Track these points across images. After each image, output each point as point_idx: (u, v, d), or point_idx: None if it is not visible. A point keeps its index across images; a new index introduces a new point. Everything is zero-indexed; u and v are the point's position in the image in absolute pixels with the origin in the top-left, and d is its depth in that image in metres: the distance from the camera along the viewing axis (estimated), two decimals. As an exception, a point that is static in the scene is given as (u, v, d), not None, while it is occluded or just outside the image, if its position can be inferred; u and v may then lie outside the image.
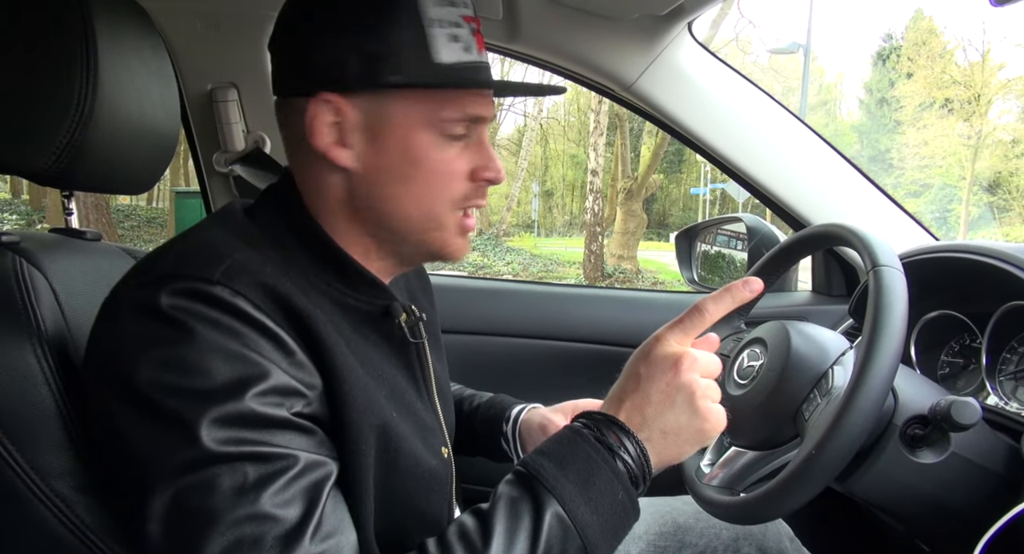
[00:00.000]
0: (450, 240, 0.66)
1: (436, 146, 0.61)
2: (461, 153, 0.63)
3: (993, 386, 0.87)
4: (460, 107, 0.61)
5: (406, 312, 0.66)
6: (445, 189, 0.63)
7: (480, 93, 0.63)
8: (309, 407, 0.54)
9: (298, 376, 0.54)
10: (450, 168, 0.62)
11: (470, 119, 0.62)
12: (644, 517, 0.90)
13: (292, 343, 0.54)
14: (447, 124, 0.61)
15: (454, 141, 0.62)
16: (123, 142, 0.71)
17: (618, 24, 1.09)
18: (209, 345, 0.50)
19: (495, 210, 18.91)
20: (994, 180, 19.05)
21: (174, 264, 0.55)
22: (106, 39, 0.66)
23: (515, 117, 20.82)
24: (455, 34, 0.60)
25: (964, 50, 20.26)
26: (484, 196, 0.67)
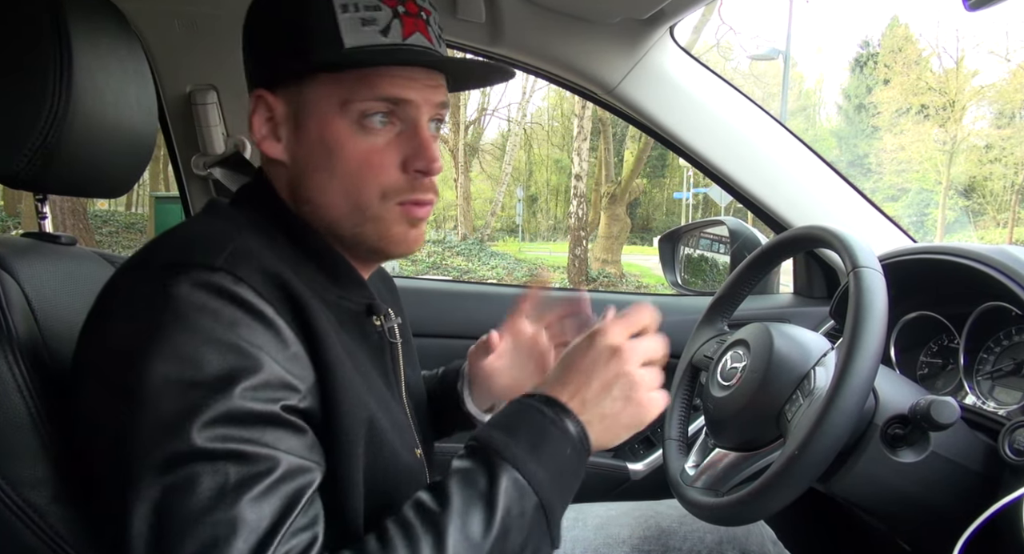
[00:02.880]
0: (390, 231, 0.63)
1: (354, 134, 0.60)
2: (388, 142, 0.61)
3: (971, 385, 0.88)
4: (372, 88, 0.59)
5: (383, 314, 0.67)
6: (370, 180, 0.61)
7: (401, 74, 0.60)
8: (302, 401, 0.53)
9: (292, 369, 0.53)
10: (373, 158, 0.61)
11: (388, 100, 0.60)
12: (627, 522, 0.90)
13: (290, 334, 0.53)
14: (361, 108, 0.59)
15: (377, 129, 0.60)
16: (98, 144, 0.70)
17: (600, 28, 1.09)
18: (205, 336, 0.50)
19: (479, 215, 18.91)
20: (969, 184, 19.44)
21: (175, 252, 0.55)
22: (81, 39, 0.65)
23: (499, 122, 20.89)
24: (368, 17, 0.59)
25: (939, 57, 20.68)
26: (425, 190, 0.63)
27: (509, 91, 25.19)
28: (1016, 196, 19.04)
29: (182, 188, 1.23)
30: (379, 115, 0.60)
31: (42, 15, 0.63)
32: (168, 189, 14.24)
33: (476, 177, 20.42)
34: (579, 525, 0.90)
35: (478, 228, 17.37)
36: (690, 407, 0.96)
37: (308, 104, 0.61)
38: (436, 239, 15.10)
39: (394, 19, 0.60)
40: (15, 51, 0.63)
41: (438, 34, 0.64)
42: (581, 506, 0.95)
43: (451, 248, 14.41)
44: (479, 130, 20.07)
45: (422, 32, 0.62)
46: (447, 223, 19.34)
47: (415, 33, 0.61)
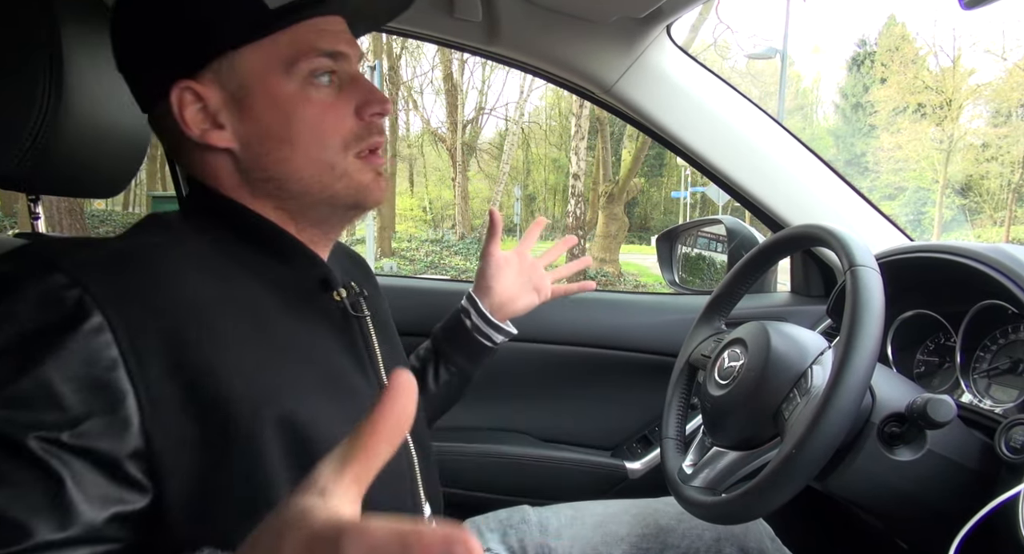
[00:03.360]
0: (360, 183, 0.62)
1: (304, 94, 0.59)
2: (337, 95, 0.61)
3: (967, 384, 0.88)
4: (310, 43, 0.58)
5: (345, 288, 0.65)
6: (331, 135, 0.60)
7: (328, 27, 0.59)
8: (75, 437, 0.45)
9: (84, 395, 0.46)
10: (329, 112, 0.60)
11: (326, 55, 0.59)
12: (626, 519, 0.90)
13: (113, 353, 0.47)
14: (303, 65, 0.58)
15: (324, 84, 0.60)
16: (91, 144, 0.70)
17: (597, 27, 1.09)
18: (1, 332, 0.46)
19: (477, 214, 18.90)
20: (966, 183, 19.49)
21: (36, 244, 0.52)
22: (71, 38, 0.65)
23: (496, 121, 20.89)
24: None
25: (936, 56, 20.74)
26: (380, 132, 0.63)
27: (507, 90, 25.17)
28: (1012, 195, 19.09)
29: (178, 188, 1.23)
30: (325, 73, 0.59)
31: (33, 14, 0.63)
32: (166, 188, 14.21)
33: (474, 176, 20.42)
34: (577, 523, 0.90)
35: (476, 227, 17.36)
36: (687, 406, 0.96)
37: (246, 80, 0.58)
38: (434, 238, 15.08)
39: None
40: (5, 50, 0.63)
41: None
42: (579, 504, 0.95)
43: (449, 247, 14.41)
44: (476, 129, 20.07)
45: None
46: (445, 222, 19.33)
47: None
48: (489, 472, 1.27)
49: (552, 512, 0.93)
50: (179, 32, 0.57)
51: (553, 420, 1.35)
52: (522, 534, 0.89)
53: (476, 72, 18.35)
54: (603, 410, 1.34)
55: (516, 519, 0.91)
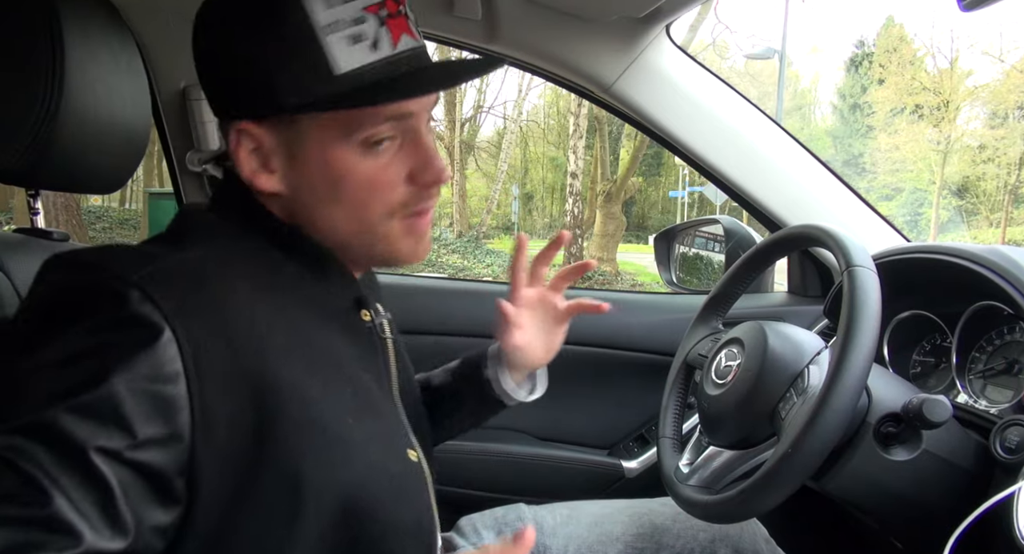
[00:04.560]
0: (397, 248, 0.61)
1: (358, 159, 0.56)
2: (393, 158, 0.58)
3: (963, 384, 0.88)
4: (375, 111, 0.55)
5: (371, 311, 0.65)
6: (377, 202, 0.58)
7: None
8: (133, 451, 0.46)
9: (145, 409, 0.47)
10: (380, 178, 0.57)
11: (393, 119, 0.56)
12: (622, 519, 0.90)
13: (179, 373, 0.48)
14: (366, 135, 0.56)
15: (380, 148, 0.57)
16: (91, 140, 0.70)
17: (597, 26, 1.09)
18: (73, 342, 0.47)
19: (475, 212, 18.90)
20: (962, 184, 19.54)
21: (98, 254, 0.53)
22: (73, 34, 0.65)
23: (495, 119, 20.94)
24: (356, 33, 0.53)
25: (933, 57, 20.74)
26: (431, 197, 0.61)
27: (505, 89, 25.16)
28: (1009, 196, 19.15)
29: (176, 184, 1.23)
30: (384, 132, 0.57)
31: (35, 10, 0.63)
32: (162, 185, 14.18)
33: (472, 175, 20.40)
34: (573, 522, 0.91)
35: (473, 226, 17.35)
36: (684, 405, 0.96)
37: (305, 138, 0.56)
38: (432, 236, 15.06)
39: (381, 28, 0.54)
40: (6, 46, 0.63)
41: (415, 21, 0.58)
42: (575, 503, 0.95)
43: (447, 245, 14.40)
44: (475, 127, 20.06)
45: (407, 32, 0.56)
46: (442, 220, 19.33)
47: (402, 35, 0.56)
48: (486, 470, 1.27)
49: (548, 511, 0.93)
50: (241, 78, 0.55)
51: (550, 419, 1.35)
52: None
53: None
54: (600, 409, 1.34)
55: (512, 517, 0.91)
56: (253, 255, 0.59)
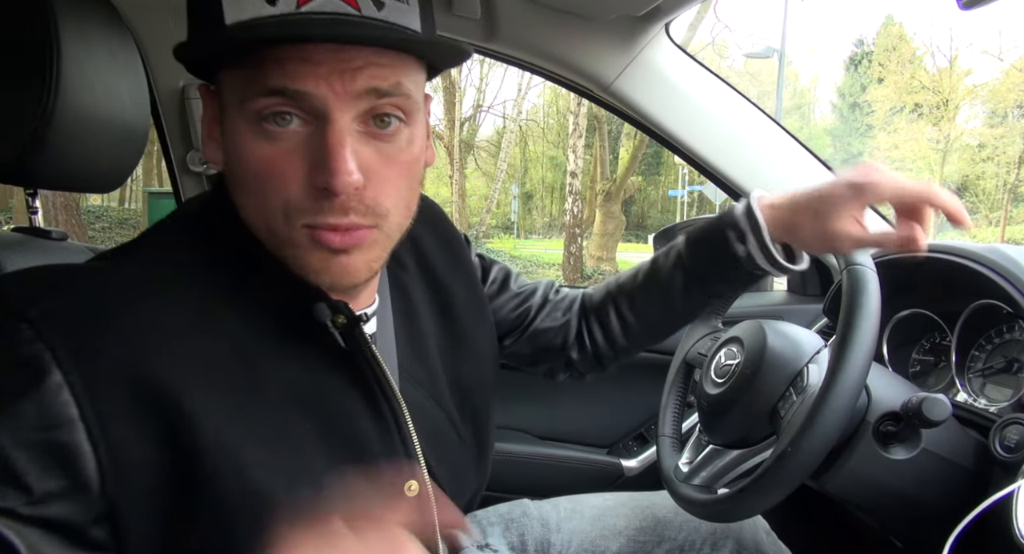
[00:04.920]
0: (306, 260, 0.50)
1: (255, 138, 0.47)
2: (295, 148, 0.47)
3: (962, 383, 0.88)
4: (261, 78, 0.46)
5: (341, 313, 0.52)
6: (272, 195, 0.48)
7: (294, 56, 0.45)
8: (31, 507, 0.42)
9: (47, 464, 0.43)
10: (273, 167, 0.47)
11: (280, 94, 0.46)
12: (624, 512, 0.90)
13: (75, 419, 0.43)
14: (254, 106, 0.46)
15: (277, 131, 0.47)
16: (89, 139, 0.69)
17: (596, 24, 1.09)
18: None
19: (475, 211, 18.89)
20: (962, 183, 19.54)
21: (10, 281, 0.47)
22: (70, 32, 0.64)
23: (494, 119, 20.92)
24: None
25: (933, 56, 20.77)
26: (335, 213, 0.48)
27: (505, 88, 25.14)
28: (1008, 195, 19.16)
29: (175, 184, 1.23)
30: (277, 115, 0.47)
31: (30, 7, 0.63)
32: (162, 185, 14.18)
33: (471, 174, 20.40)
34: (576, 516, 0.91)
35: (473, 225, 17.34)
36: (684, 404, 0.96)
37: (223, 99, 0.50)
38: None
39: None
40: (2, 43, 0.63)
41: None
42: (578, 497, 0.95)
43: (446, 245, 14.38)
44: (474, 127, 20.05)
45: None
46: (442, 220, 19.27)
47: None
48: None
49: (551, 505, 0.93)
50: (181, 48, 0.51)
51: (550, 418, 1.35)
52: (523, 528, 0.89)
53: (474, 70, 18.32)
54: (600, 408, 1.34)
55: (517, 513, 0.91)
56: (212, 263, 0.52)
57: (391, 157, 0.50)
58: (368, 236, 0.50)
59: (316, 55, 0.45)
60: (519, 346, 0.84)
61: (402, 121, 0.50)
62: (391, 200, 0.50)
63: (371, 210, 0.49)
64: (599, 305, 0.85)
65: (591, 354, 0.86)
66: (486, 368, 0.75)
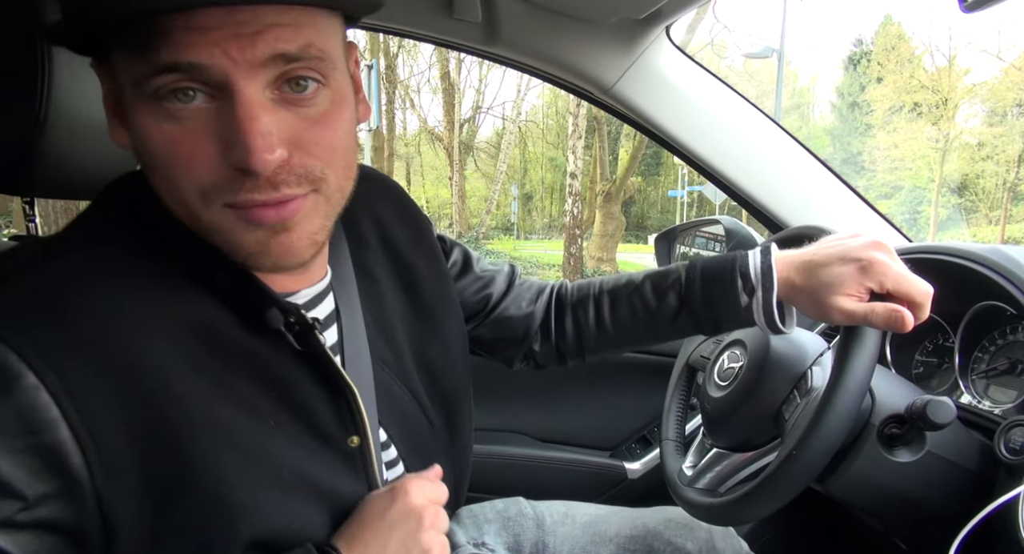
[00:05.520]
0: (240, 241, 0.47)
1: (153, 118, 0.44)
2: (203, 127, 0.44)
3: (966, 385, 0.88)
4: (152, 55, 0.42)
5: (294, 315, 0.51)
6: (183, 178, 0.45)
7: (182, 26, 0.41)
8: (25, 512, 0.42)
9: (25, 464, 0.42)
10: (180, 148, 0.44)
11: (177, 71, 0.42)
12: (615, 520, 0.90)
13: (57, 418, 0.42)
14: (150, 85, 0.43)
15: (179, 108, 0.43)
16: (83, 145, 0.69)
17: (597, 27, 1.09)
18: None
19: (475, 212, 18.90)
20: (961, 182, 19.56)
21: None
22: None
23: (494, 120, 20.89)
24: None
25: (932, 55, 20.83)
26: (252, 190, 0.45)
27: (504, 89, 25.17)
28: (1008, 194, 19.17)
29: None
30: (178, 91, 0.43)
31: (22, 13, 0.62)
32: (161, 188, 14.14)
33: (471, 175, 20.40)
34: (569, 521, 0.91)
35: (473, 226, 17.35)
36: (687, 407, 0.96)
37: (119, 81, 0.46)
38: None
39: None
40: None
41: None
42: (572, 503, 0.95)
43: (446, 246, 14.39)
44: (474, 128, 20.07)
45: None
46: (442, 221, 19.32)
47: None
48: (488, 472, 1.27)
49: (546, 507, 0.93)
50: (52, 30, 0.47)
51: (552, 420, 1.35)
52: (519, 528, 0.88)
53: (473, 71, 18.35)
54: (602, 410, 1.34)
55: (513, 511, 0.91)
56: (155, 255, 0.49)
57: (315, 120, 0.46)
58: (305, 205, 0.47)
59: (205, 21, 0.41)
60: (480, 331, 0.82)
61: (320, 83, 0.46)
62: (324, 162, 0.47)
63: (304, 177, 0.46)
64: (577, 301, 0.83)
65: (554, 347, 0.84)
66: (455, 351, 0.73)
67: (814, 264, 0.68)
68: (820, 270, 0.67)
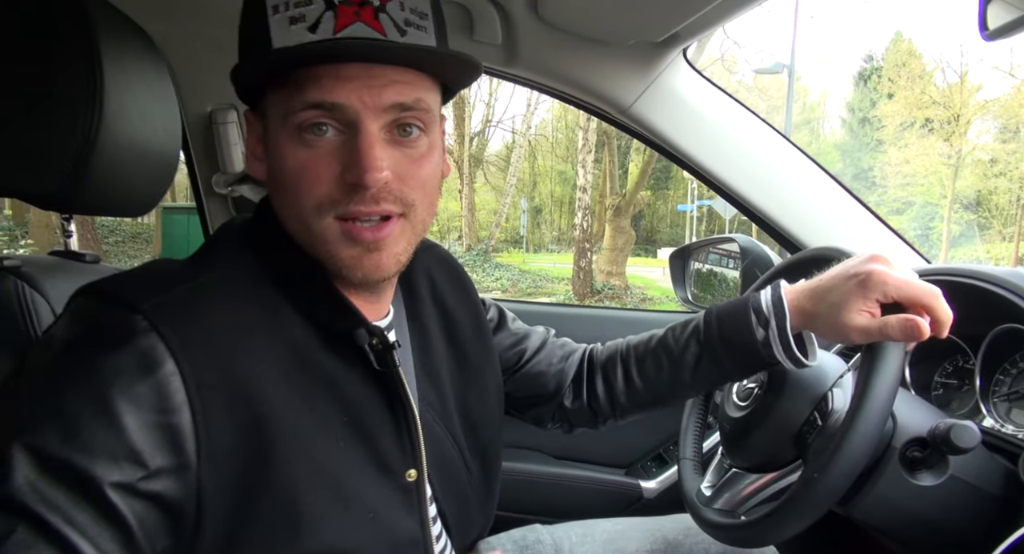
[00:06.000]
0: (337, 254, 0.57)
1: (294, 146, 0.55)
2: (329, 152, 0.55)
3: (988, 408, 0.88)
4: (302, 95, 0.54)
5: (377, 337, 0.59)
6: (305, 192, 0.56)
7: (330, 75, 0.53)
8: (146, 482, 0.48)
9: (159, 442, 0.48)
10: (309, 168, 0.55)
11: (318, 107, 0.54)
12: (635, 535, 0.90)
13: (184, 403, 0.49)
14: (296, 120, 0.55)
15: (314, 137, 0.55)
16: (125, 166, 0.71)
17: (615, 50, 1.11)
18: (80, 374, 0.47)
19: (484, 226, 18.94)
20: (975, 199, 19.42)
21: (116, 282, 0.54)
22: (112, 65, 0.66)
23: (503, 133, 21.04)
24: (298, 14, 0.53)
25: (943, 72, 20.78)
26: (361, 203, 0.55)
27: (514, 103, 25.37)
28: (1022, 210, 19.00)
29: (200, 205, 1.25)
30: (315, 125, 0.55)
31: (76, 41, 0.65)
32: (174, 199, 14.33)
33: (480, 188, 20.49)
34: (588, 541, 0.91)
35: (482, 239, 17.39)
36: (704, 426, 0.96)
37: (268, 119, 0.58)
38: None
39: (326, 12, 0.53)
40: (49, 77, 0.65)
41: (402, 21, 0.56)
42: (590, 522, 0.95)
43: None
44: (483, 142, 20.19)
45: (367, 22, 0.54)
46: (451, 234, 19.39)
47: (354, 24, 0.54)
48: (502, 490, 1.27)
49: (564, 531, 0.93)
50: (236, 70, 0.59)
51: (567, 438, 1.35)
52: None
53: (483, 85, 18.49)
54: (617, 428, 1.34)
55: (531, 539, 0.91)
56: (263, 275, 0.59)
57: (414, 160, 0.58)
58: (395, 229, 0.58)
59: (349, 72, 0.54)
60: (511, 386, 0.85)
61: (422, 131, 0.58)
62: (416, 194, 0.58)
63: (399, 200, 0.57)
64: (606, 361, 0.86)
65: (587, 407, 0.87)
66: (492, 402, 0.78)
67: (821, 289, 0.71)
68: (827, 293, 0.69)
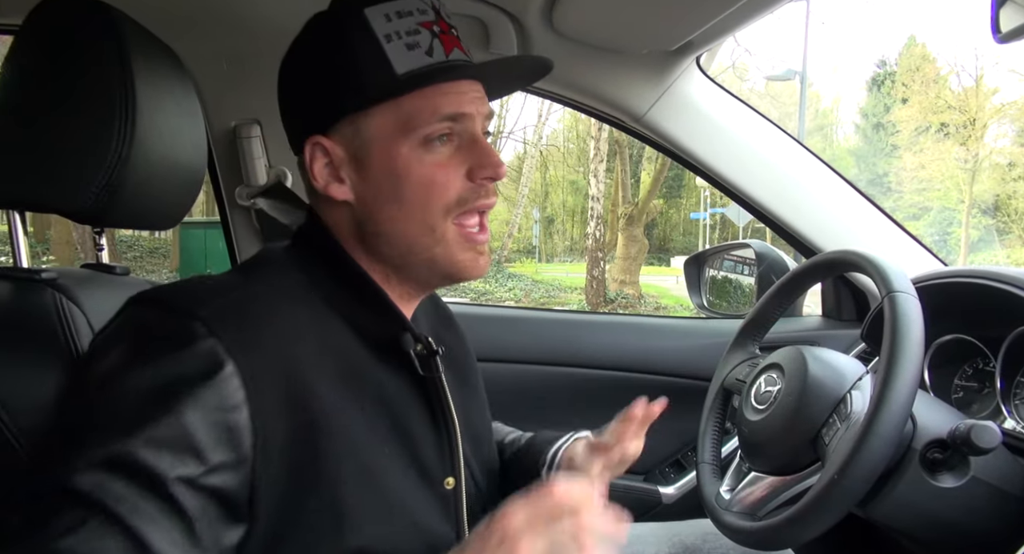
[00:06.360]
0: (456, 257, 0.64)
1: (419, 157, 0.61)
2: (451, 157, 0.63)
3: (1008, 410, 0.87)
4: (433, 110, 0.61)
5: (421, 343, 0.65)
6: (436, 198, 0.62)
7: (453, 91, 0.62)
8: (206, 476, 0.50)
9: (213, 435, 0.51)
10: (438, 175, 0.62)
11: (449, 119, 0.62)
12: (652, 541, 0.91)
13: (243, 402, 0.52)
14: (424, 132, 0.61)
15: (439, 145, 0.62)
16: (155, 181, 0.74)
17: (629, 59, 1.12)
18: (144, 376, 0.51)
19: (496, 236, 18.99)
20: (993, 203, 19.14)
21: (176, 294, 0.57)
22: (143, 83, 0.69)
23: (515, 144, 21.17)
24: (412, 42, 0.61)
25: (958, 76, 20.54)
26: (489, 196, 0.65)
27: (525, 113, 25.45)
28: (1041, 214, 18.70)
29: (224, 218, 1.27)
30: (442, 135, 0.62)
31: (110, 61, 0.67)
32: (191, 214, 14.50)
33: (493, 199, 20.49)
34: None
35: (495, 250, 17.42)
36: (722, 430, 0.96)
37: (369, 139, 0.62)
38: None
39: (434, 39, 0.62)
40: (85, 96, 0.67)
41: (467, 47, 0.67)
42: None
43: (469, 270, 14.45)
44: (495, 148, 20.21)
45: (458, 47, 0.64)
46: (464, 245, 19.35)
47: (454, 49, 0.63)
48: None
49: None
50: (313, 93, 0.64)
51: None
52: None
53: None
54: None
55: None
56: (311, 287, 0.63)
57: None
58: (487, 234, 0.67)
59: (461, 88, 0.63)
60: None
61: (492, 135, 0.68)
62: None
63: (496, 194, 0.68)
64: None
65: None
66: (488, 419, 0.82)
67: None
68: None
